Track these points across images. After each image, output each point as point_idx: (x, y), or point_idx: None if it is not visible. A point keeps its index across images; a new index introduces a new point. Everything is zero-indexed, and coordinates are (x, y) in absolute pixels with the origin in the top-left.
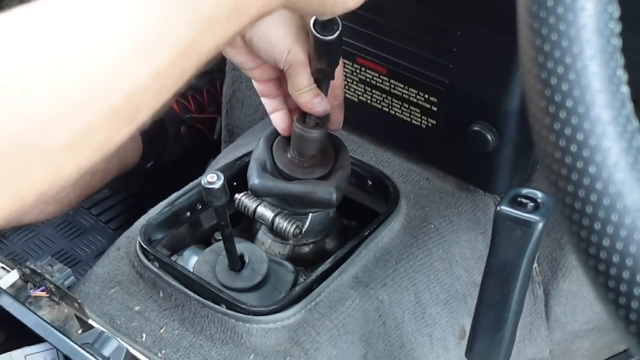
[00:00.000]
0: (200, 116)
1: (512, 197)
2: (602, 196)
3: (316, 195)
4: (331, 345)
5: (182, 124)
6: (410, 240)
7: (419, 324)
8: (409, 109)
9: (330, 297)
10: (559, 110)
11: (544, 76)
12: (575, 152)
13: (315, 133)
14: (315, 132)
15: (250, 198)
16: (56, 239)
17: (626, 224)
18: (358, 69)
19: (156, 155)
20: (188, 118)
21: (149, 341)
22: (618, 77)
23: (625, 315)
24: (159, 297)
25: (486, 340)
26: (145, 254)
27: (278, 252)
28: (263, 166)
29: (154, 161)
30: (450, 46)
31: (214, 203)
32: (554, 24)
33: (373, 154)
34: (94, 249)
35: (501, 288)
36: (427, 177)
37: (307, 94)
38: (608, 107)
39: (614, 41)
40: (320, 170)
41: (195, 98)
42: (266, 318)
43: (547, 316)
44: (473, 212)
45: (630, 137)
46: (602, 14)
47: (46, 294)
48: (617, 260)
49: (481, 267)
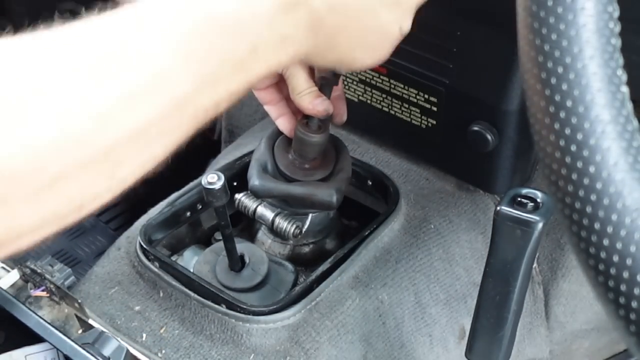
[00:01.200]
0: None
1: (512, 197)
2: (601, 196)
3: (316, 197)
4: (331, 345)
5: None
6: (410, 240)
7: (419, 324)
8: (409, 109)
9: (330, 297)
10: (559, 110)
11: (544, 76)
12: (575, 152)
13: (317, 137)
14: (317, 137)
15: (250, 198)
16: (56, 239)
17: (626, 223)
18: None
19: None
20: None
21: (149, 341)
22: (618, 77)
23: (625, 315)
24: (159, 297)
25: (486, 340)
26: (146, 254)
27: (278, 252)
28: (264, 167)
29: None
30: (450, 46)
31: (214, 203)
32: (553, 23)
33: (373, 154)
34: (94, 249)
35: (501, 288)
36: (427, 177)
37: (308, 96)
38: (608, 107)
39: (613, 41)
40: (321, 172)
41: None
42: (266, 318)
43: (547, 316)
44: (473, 212)
45: (630, 137)
46: (602, 14)
47: (46, 294)
48: (617, 260)
49: (481, 267)
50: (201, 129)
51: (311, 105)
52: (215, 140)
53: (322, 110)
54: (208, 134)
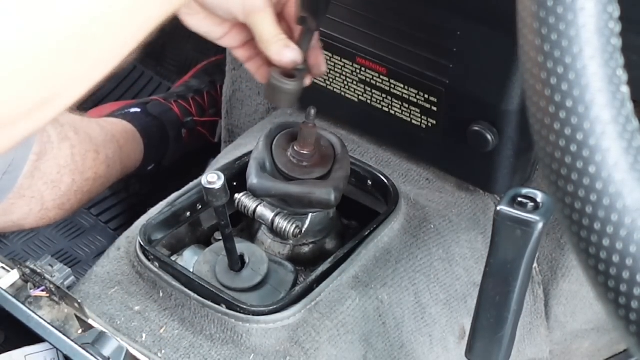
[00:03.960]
0: (201, 119)
1: (512, 197)
2: (602, 196)
3: (315, 196)
4: (331, 345)
5: (183, 127)
6: (410, 240)
7: (419, 324)
8: (409, 109)
9: (330, 297)
10: (559, 110)
11: (544, 76)
12: (575, 152)
13: (290, 85)
14: (290, 84)
15: (250, 198)
16: (56, 239)
17: (626, 223)
18: (358, 69)
19: (157, 159)
20: (189, 121)
21: (149, 341)
22: (618, 77)
23: (625, 315)
24: (159, 297)
25: (486, 340)
26: (145, 254)
27: (278, 252)
28: (262, 166)
29: (154, 164)
30: (450, 46)
31: (214, 203)
32: (553, 23)
33: (373, 154)
34: (94, 249)
35: (501, 288)
36: (427, 177)
37: (275, 45)
38: (608, 107)
39: (614, 41)
40: (319, 170)
41: (196, 100)
42: (266, 318)
43: (547, 316)
44: (473, 212)
45: (630, 137)
46: (602, 14)
47: (46, 294)
48: (617, 260)
49: (481, 267)
50: (202, 132)
51: (279, 56)
52: (215, 143)
53: (290, 59)
54: (209, 137)
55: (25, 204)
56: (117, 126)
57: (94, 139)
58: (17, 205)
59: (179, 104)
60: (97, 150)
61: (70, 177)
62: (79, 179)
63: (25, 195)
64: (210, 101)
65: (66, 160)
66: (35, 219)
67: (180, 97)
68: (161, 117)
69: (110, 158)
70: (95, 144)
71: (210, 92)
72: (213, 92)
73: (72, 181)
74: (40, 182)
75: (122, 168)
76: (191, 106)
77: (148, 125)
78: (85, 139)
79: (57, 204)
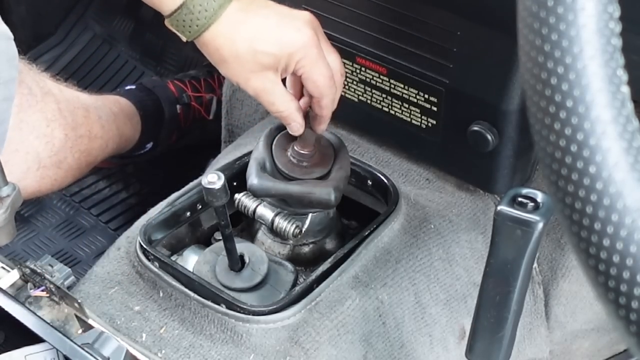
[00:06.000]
0: (195, 94)
1: (512, 197)
2: (602, 196)
3: (314, 196)
4: (331, 345)
5: (177, 103)
6: (410, 240)
7: (419, 324)
8: (409, 109)
9: (330, 297)
10: (559, 110)
11: (544, 76)
12: (575, 152)
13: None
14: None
15: (250, 198)
16: (56, 239)
17: (626, 223)
18: (358, 69)
19: (154, 135)
20: (184, 96)
21: (149, 341)
22: (618, 77)
23: (625, 315)
24: (159, 297)
25: (486, 340)
26: (145, 254)
27: (278, 252)
28: (262, 166)
29: (152, 142)
30: (450, 46)
31: (214, 203)
32: (554, 24)
33: (373, 154)
34: (94, 249)
35: (501, 288)
36: (427, 177)
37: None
38: (608, 107)
39: (614, 41)
40: (319, 170)
41: (192, 83)
42: (266, 318)
43: (547, 316)
44: (473, 212)
45: (630, 137)
46: (602, 14)
47: (46, 294)
48: (617, 260)
49: (481, 267)
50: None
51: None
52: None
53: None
54: (204, 113)
55: (21, 159)
56: (110, 97)
57: (82, 99)
58: (12, 163)
59: (175, 83)
60: (86, 109)
61: (62, 131)
62: (72, 135)
63: (18, 149)
64: (207, 87)
65: (53, 114)
66: (34, 178)
67: (177, 79)
68: (156, 91)
69: (104, 119)
70: (84, 103)
71: (207, 79)
72: (210, 80)
73: (64, 136)
74: (31, 137)
75: (120, 135)
76: (187, 86)
77: (143, 99)
78: (71, 98)
79: (54, 161)
